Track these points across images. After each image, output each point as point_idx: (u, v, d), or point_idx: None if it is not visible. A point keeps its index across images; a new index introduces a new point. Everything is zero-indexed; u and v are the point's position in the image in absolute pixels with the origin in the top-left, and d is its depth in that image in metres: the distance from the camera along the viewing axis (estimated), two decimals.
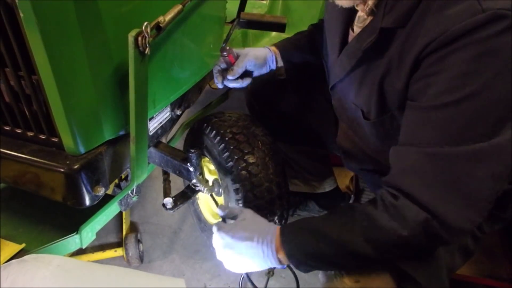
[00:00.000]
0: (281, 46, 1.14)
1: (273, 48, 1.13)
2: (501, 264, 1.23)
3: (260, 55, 1.08)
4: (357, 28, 0.80)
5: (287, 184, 1.09)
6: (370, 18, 0.74)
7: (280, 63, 1.13)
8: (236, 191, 1.03)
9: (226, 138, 1.02)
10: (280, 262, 0.74)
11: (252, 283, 0.95)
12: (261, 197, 1.03)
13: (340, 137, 1.03)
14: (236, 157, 1.01)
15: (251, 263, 0.76)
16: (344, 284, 0.74)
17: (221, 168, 1.05)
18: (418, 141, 0.63)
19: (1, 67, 0.72)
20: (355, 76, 0.81)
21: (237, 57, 1.06)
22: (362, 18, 0.77)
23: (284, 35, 2.04)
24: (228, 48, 1.04)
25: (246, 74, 1.09)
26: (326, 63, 0.99)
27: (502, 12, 0.53)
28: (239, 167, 1.01)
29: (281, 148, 1.26)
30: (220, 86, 1.07)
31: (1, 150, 0.80)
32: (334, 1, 0.72)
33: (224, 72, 1.06)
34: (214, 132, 1.06)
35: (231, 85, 1.07)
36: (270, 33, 2.03)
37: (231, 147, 1.02)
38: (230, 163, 1.02)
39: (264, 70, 1.12)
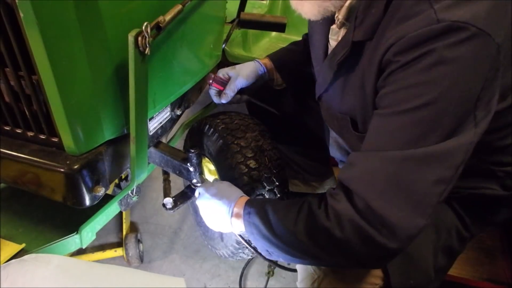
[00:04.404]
0: (275, 58, 1.14)
1: (265, 60, 1.14)
2: (501, 267, 1.23)
3: (250, 73, 1.09)
4: (332, 41, 0.81)
5: (288, 198, 1.08)
6: (343, 31, 0.75)
7: (276, 75, 1.14)
8: None
9: (234, 151, 1.01)
10: (234, 227, 0.82)
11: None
12: None
13: (332, 146, 1.04)
14: (242, 172, 1.00)
15: (212, 218, 0.87)
16: None
17: (225, 177, 1.05)
18: (375, 147, 0.64)
19: (1, 67, 0.73)
20: (337, 87, 0.82)
21: (228, 78, 1.07)
22: (335, 31, 0.78)
23: (284, 35, 2.05)
24: (213, 75, 1.06)
25: (242, 90, 1.10)
26: (314, 74, 1.00)
27: (458, 24, 0.54)
28: (243, 184, 1.00)
29: (281, 149, 1.26)
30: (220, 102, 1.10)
31: (1, 150, 0.80)
32: (300, 13, 0.73)
33: (219, 94, 1.09)
34: (221, 141, 1.04)
35: (230, 103, 1.10)
36: (270, 33, 2.04)
37: (237, 162, 1.00)
38: (235, 176, 1.01)
39: (259, 83, 1.13)
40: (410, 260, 0.76)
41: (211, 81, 1.06)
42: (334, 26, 0.77)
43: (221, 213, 0.84)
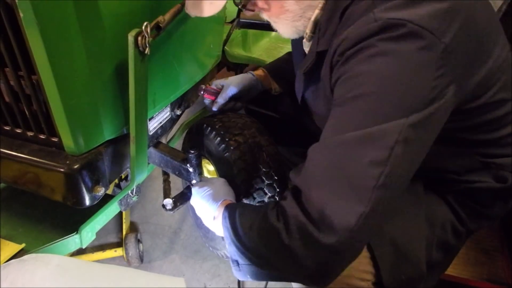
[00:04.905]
0: (271, 68, 1.19)
1: (259, 71, 1.18)
2: (501, 267, 1.23)
3: (241, 81, 1.13)
4: (306, 51, 0.85)
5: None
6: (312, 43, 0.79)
7: (274, 84, 1.18)
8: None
9: (232, 148, 1.02)
10: (217, 230, 0.84)
11: None
12: None
13: None
14: (240, 167, 1.01)
15: (203, 219, 0.89)
16: None
17: (224, 174, 1.05)
18: (320, 139, 0.65)
19: (1, 67, 0.73)
20: (309, 95, 0.86)
21: (220, 88, 1.11)
22: (307, 44, 0.81)
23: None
24: (204, 86, 1.09)
25: (238, 98, 1.13)
26: None
27: (394, 21, 0.57)
28: (242, 179, 1.01)
29: (280, 151, 1.26)
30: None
31: (1, 150, 0.80)
32: (278, 33, 0.79)
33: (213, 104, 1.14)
34: (219, 139, 1.04)
35: (225, 108, 1.14)
36: (270, 33, 2.03)
37: (236, 158, 1.01)
38: (234, 172, 1.02)
39: (253, 94, 1.16)
40: (401, 255, 0.75)
41: (202, 92, 1.09)
42: (305, 40, 0.80)
43: (208, 215, 0.86)
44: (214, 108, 1.11)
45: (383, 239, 0.75)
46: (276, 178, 1.03)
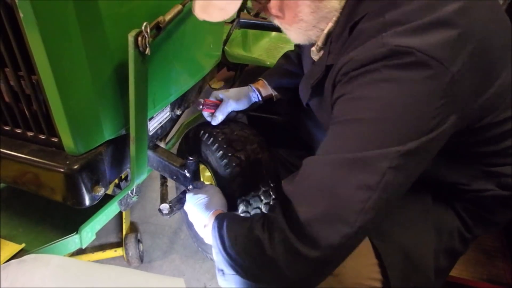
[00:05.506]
0: (270, 79, 1.18)
1: (259, 83, 1.16)
2: (501, 268, 1.23)
3: (242, 98, 1.12)
4: (314, 59, 0.85)
5: None
6: (321, 53, 0.78)
7: (275, 92, 1.17)
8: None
9: (234, 164, 1.02)
10: (207, 239, 0.84)
11: None
12: None
13: None
14: (240, 183, 1.01)
15: (195, 226, 0.91)
16: None
17: (222, 187, 1.06)
18: (317, 154, 0.66)
19: (1, 67, 0.73)
20: (314, 104, 0.87)
21: (220, 99, 1.10)
22: (315, 52, 0.81)
23: (284, 35, 2.05)
24: (203, 101, 1.06)
25: (236, 111, 1.12)
26: None
27: (401, 49, 0.56)
28: (240, 196, 1.01)
29: (281, 154, 1.26)
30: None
31: (1, 150, 0.80)
32: (290, 38, 0.79)
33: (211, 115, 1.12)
34: (221, 153, 1.04)
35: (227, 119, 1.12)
36: (270, 33, 2.03)
37: (236, 174, 1.01)
38: (234, 187, 1.03)
39: (253, 107, 1.16)
40: (410, 262, 0.75)
41: (201, 106, 1.07)
42: (313, 49, 0.80)
43: (199, 223, 0.87)
44: (213, 123, 1.09)
45: (393, 247, 0.75)
46: (273, 197, 1.03)
